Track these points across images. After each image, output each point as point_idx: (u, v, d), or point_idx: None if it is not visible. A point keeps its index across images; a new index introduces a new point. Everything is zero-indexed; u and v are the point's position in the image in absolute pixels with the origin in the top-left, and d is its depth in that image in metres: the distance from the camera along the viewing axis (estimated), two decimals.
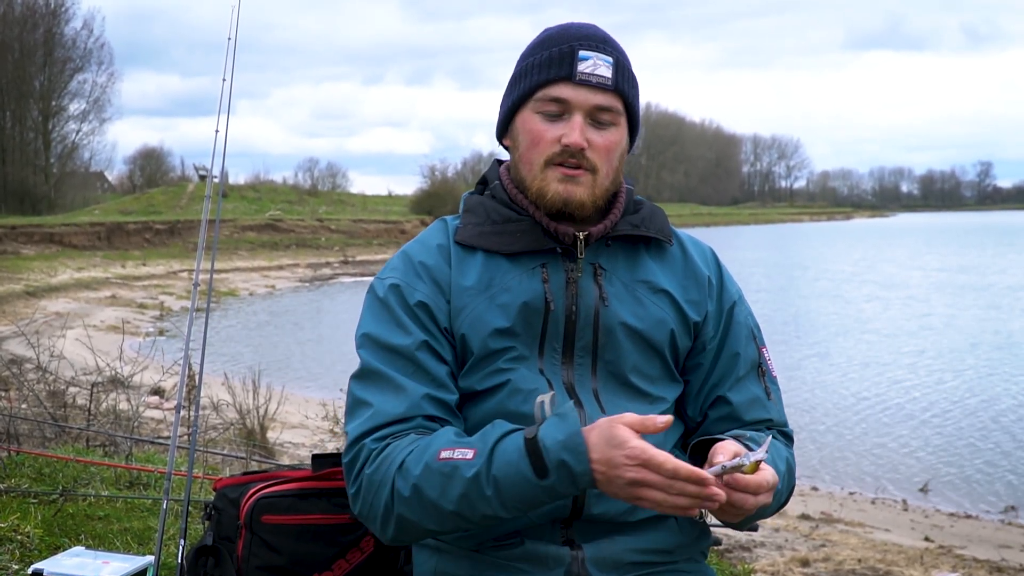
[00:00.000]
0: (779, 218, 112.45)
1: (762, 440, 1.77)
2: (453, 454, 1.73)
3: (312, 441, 10.25)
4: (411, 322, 1.90)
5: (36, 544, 3.82)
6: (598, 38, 1.93)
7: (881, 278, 35.88)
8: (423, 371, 1.87)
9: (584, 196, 1.90)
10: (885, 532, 8.43)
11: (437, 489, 1.73)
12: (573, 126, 1.88)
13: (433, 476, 1.73)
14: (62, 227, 36.85)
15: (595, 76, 1.89)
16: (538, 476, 1.67)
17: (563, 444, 1.65)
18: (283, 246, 43.18)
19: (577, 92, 1.89)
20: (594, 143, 1.89)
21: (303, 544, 2.06)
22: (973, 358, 17.75)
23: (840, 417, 13.21)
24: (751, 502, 1.68)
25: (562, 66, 1.90)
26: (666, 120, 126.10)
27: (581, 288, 1.93)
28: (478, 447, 1.72)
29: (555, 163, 1.90)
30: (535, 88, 1.92)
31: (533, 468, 1.67)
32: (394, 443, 1.81)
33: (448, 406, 1.87)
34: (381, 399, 1.85)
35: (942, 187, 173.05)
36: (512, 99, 1.97)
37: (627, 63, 1.95)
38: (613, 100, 1.91)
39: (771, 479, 1.71)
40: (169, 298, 26.87)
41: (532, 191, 1.93)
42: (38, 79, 46.64)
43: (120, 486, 5.02)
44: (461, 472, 1.71)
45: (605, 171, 1.92)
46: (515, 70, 1.98)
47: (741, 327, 2.04)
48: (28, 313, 19.08)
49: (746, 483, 1.67)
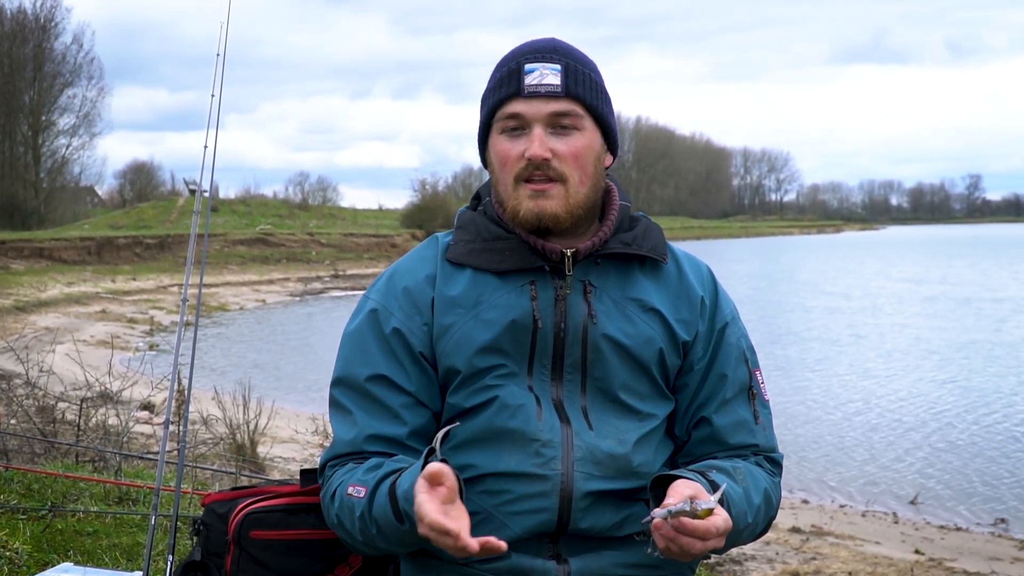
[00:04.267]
0: (769, 231, 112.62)
1: (722, 482, 1.79)
2: (353, 491, 1.84)
3: (302, 455, 10.23)
4: (378, 352, 1.95)
5: (25, 560, 3.81)
6: (546, 49, 1.93)
7: (869, 291, 35.96)
8: (377, 404, 1.94)
9: (557, 208, 1.90)
10: (875, 545, 8.44)
11: (348, 521, 1.87)
12: (533, 138, 1.89)
13: (343, 510, 1.87)
14: (52, 242, 36.77)
15: (543, 86, 1.89)
16: (398, 521, 1.76)
17: (405, 495, 1.72)
18: (273, 260, 43.12)
19: (529, 105, 1.89)
20: (558, 151, 1.89)
21: (292, 559, 2.06)
22: (963, 370, 17.79)
23: (830, 430, 13.23)
24: (698, 547, 1.68)
25: (511, 83, 1.91)
26: (656, 133, 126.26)
27: (570, 305, 1.93)
28: (368, 486, 1.82)
29: (523, 179, 1.91)
30: (493, 110, 1.94)
31: (394, 513, 1.76)
32: (336, 472, 1.93)
33: (393, 440, 1.93)
34: (339, 428, 1.96)
35: (931, 200, 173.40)
36: (480, 126, 1.99)
37: (582, 67, 1.94)
38: (568, 105, 1.90)
39: (722, 525, 1.70)
40: (159, 313, 26.81)
41: (508, 211, 1.94)
42: (28, 94, 46.52)
43: (109, 502, 5.00)
44: (355, 510, 1.84)
45: (578, 178, 1.91)
46: (481, 98, 2.00)
47: (732, 348, 2.03)
48: (17, 328, 19.03)
49: (693, 528, 1.66)
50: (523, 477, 1.87)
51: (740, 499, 1.85)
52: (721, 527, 1.69)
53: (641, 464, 1.92)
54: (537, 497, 1.87)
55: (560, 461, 1.88)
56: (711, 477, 1.82)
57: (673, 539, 1.67)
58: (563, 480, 1.87)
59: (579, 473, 1.88)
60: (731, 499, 1.81)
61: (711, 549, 1.72)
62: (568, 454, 1.88)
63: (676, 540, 1.67)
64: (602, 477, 1.89)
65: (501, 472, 1.88)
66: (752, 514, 1.88)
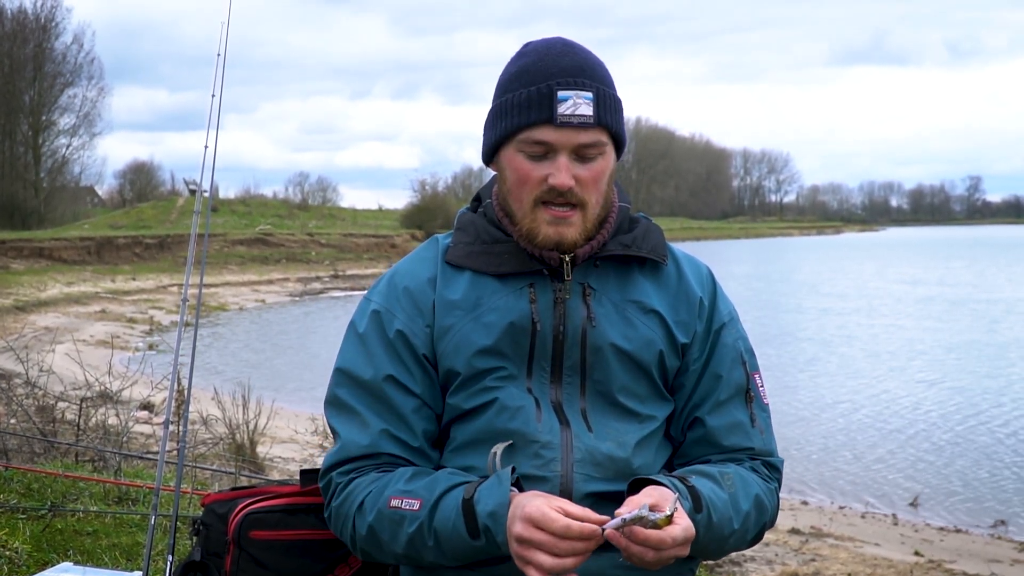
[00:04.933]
0: (769, 232, 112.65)
1: (704, 487, 1.81)
2: (401, 504, 1.81)
3: (302, 456, 10.24)
4: (384, 353, 1.94)
5: (24, 560, 3.81)
6: (575, 70, 1.88)
7: (868, 292, 35.95)
8: (387, 407, 1.92)
9: (576, 235, 1.89)
10: (875, 546, 8.44)
11: (388, 533, 1.84)
12: (559, 167, 1.86)
13: (384, 522, 1.83)
14: (52, 242, 36.77)
15: (576, 117, 1.85)
16: (471, 536, 1.74)
17: (491, 512, 1.71)
18: (273, 260, 43.12)
19: (560, 134, 1.85)
20: (581, 178, 1.87)
21: (291, 560, 2.07)
22: (964, 372, 17.79)
23: (830, 431, 13.23)
24: (650, 556, 1.66)
25: (542, 109, 1.86)
26: (656, 134, 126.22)
27: (569, 308, 1.93)
28: (424, 498, 1.80)
29: (543, 201, 1.88)
30: (516, 130, 1.89)
31: (467, 528, 1.74)
32: (357, 480, 1.90)
33: (407, 445, 1.92)
34: (348, 431, 1.93)
35: (932, 201, 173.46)
36: (495, 136, 1.94)
37: (608, 90, 1.91)
38: (597, 135, 1.87)
39: (680, 535, 1.66)
40: (159, 312, 26.81)
41: (523, 229, 1.91)
42: (28, 94, 46.54)
43: (109, 501, 5.00)
44: (407, 522, 1.80)
45: (595, 200, 1.90)
46: (495, 103, 1.95)
47: (728, 350, 2.01)
48: (17, 328, 19.03)
49: (645, 537, 1.64)
50: (523, 479, 1.86)
51: (724, 505, 1.83)
52: (679, 537, 1.66)
53: (641, 466, 1.92)
54: None
55: (560, 463, 1.88)
56: (691, 482, 1.81)
57: (626, 548, 1.66)
58: (563, 481, 1.87)
59: (578, 475, 1.88)
60: (712, 505, 1.80)
61: (672, 558, 1.69)
62: (567, 456, 1.88)
63: (628, 549, 1.66)
64: (601, 479, 1.89)
65: None
66: (739, 520, 1.86)
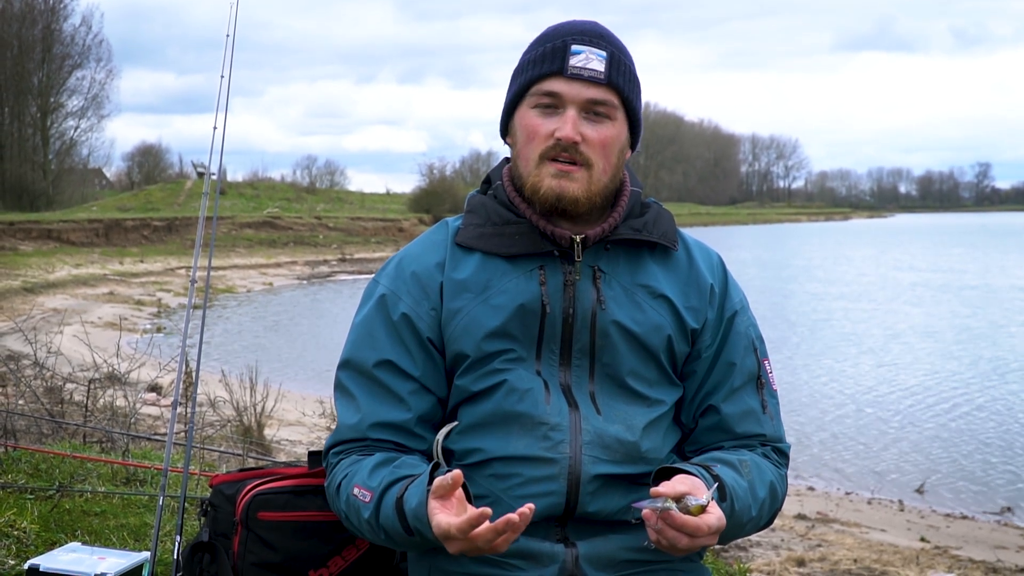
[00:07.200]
0: (777, 218, 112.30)
1: (727, 476, 1.81)
2: (359, 493, 1.84)
3: (309, 438, 10.25)
4: (386, 337, 1.95)
5: (32, 540, 3.82)
6: (593, 33, 1.92)
7: (876, 279, 35.88)
8: (382, 390, 1.93)
9: (578, 192, 1.89)
10: (881, 532, 8.43)
11: (354, 519, 1.88)
12: (566, 120, 1.88)
13: (350, 509, 1.88)
14: (60, 224, 36.78)
15: (587, 70, 1.88)
16: (407, 533, 1.76)
17: (414, 513, 1.73)
18: (281, 243, 43.12)
19: (570, 86, 1.88)
20: (588, 137, 1.89)
21: (299, 541, 2.07)
22: (970, 359, 17.75)
23: (836, 417, 13.21)
24: (684, 542, 1.67)
25: (554, 60, 1.90)
26: (664, 119, 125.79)
27: (579, 291, 1.93)
28: (374, 491, 1.82)
29: (549, 157, 1.90)
30: (530, 83, 1.92)
31: (402, 525, 1.76)
32: (341, 462, 1.93)
33: (398, 426, 1.93)
34: (343, 413, 1.97)
35: (940, 188, 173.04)
36: (510, 95, 1.97)
37: (624, 59, 1.93)
38: (607, 94, 1.90)
39: (715, 523, 1.68)
40: (167, 295, 26.84)
41: (528, 186, 1.92)
42: (36, 75, 46.48)
43: (117, 482, 5.01)
44: (361, 513, 1.85)
45: (602, 167, 1.91)
46: (515, 68, 1.99)
47: (741, 337, 2.02)
48: (26, 309, 19.05)
49: (683, 523, 1.65)
50: (531, 460, 1.87)
51: (744, 493, 1.85)
52: (713, 525, 1.68)
53: (650, 449, 1.92)
54: (545, 480, 1.87)
55: (568, 445, 1.88)
56: (715, 471, 1.82)
57: (661, 531, 1.67)
58: (571, 464, 1.87)
59: (587, 457, 1.88)
60: (735, 494, 1.81)
61: (702, 546, 1.71)
62: (576, 438, 1.89)
63: (664, 533, 1.67)
64: (610, 461, 1.89)
65: (509, 456, 1.88)
66: (756, 508, 1.88)
